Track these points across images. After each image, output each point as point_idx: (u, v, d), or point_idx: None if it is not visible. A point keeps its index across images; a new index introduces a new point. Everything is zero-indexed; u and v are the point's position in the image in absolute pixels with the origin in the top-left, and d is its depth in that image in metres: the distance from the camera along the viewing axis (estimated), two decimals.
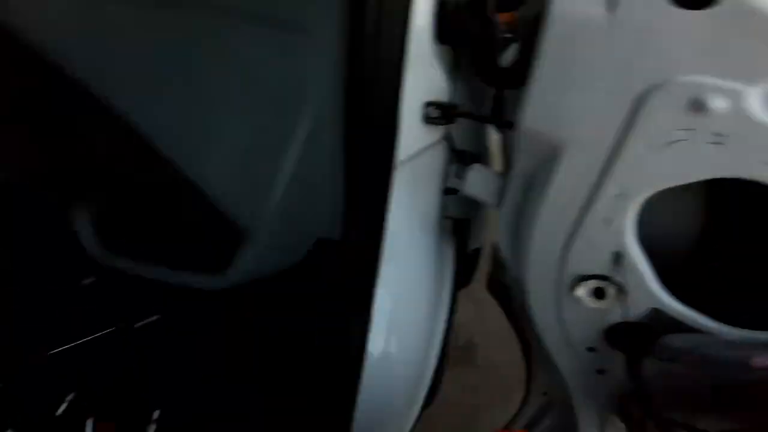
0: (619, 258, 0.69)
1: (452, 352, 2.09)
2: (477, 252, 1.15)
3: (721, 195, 0.69)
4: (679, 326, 0.70)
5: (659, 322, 0.70)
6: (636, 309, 0.72)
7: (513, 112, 0.71)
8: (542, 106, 0.66)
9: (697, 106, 0.55)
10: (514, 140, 0.73)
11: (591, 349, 0.82)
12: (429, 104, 0.80)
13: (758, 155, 0.54)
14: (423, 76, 0.77)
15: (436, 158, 0.90)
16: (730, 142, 0.55)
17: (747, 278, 0.67)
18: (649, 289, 0.69)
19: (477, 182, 0.85)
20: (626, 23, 0.56)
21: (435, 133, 0.85)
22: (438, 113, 0.81)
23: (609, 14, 0.57)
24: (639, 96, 0.58)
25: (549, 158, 0.69)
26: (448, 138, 0.90)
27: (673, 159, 0.59)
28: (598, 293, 0.75)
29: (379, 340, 0.93)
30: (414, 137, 0.80)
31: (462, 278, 1.17)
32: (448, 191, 0.95)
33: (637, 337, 0.75)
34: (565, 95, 0.64)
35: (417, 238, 0.93)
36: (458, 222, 1.05)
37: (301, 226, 0.78)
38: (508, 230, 0.84)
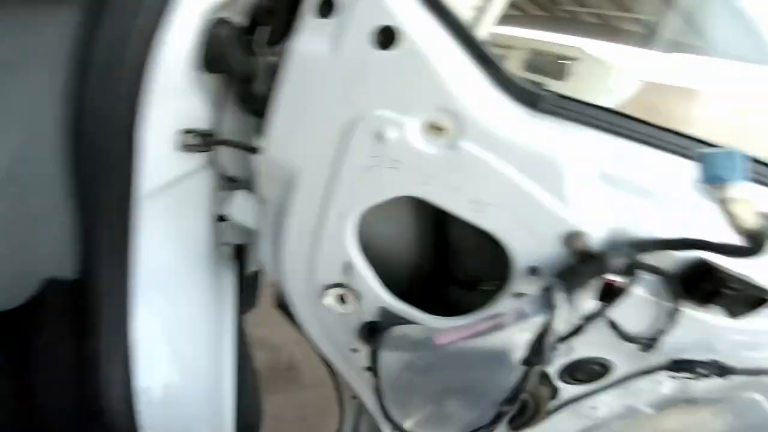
0: (348, 267, 0.76)
1: (275, 374, 2.07)
2: (256, 274, 1.16)
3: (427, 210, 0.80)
4: (404, 321, 0.77)
5: (389, 318, 0.79)
6: (369, 310, 0.79)
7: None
8: (280, 136, 0.70)
9: (380, 136, 0.63)
10: (261, 168, 0.77)
11: (354, 350, 0.87)
12: (187, 132, 0.80)
13: (419, 177, 0.63)
14: (178, 103, 0.76)
15: (202, 186, 0.89)
16: (401, 166, 0.63)
17: (443, 277, 0.79)
18: (374, 291, 0.76)
19: (241, 209, 0.87)
20: (342, 62, 0.63)
21: (194, 160, 0.84)
22: (197, 140, 0.82)
23: (331, 54, 0.63)
24: (346, 127, 0.65)
25: (289, 185, 0.73)
26: (215, 165, 0.90)
27: (369, 182, 0.66)
28: (342, 299, 0.81)
29: (154, 372, 0.88)
30: (167, 165, 0.78)
31: (246, 301, 1.17)
32: (221, 218, 0.95)
33: (376, 334, 0.82)
34: (296, 126, 0.69)
35: (186, 267, 0.91)
36: (237, 247, 1.05)
37: (19, 266, 0.71)
38: (269, 253, 0.87)
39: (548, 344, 0.64)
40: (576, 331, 0.66)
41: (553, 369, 0.76)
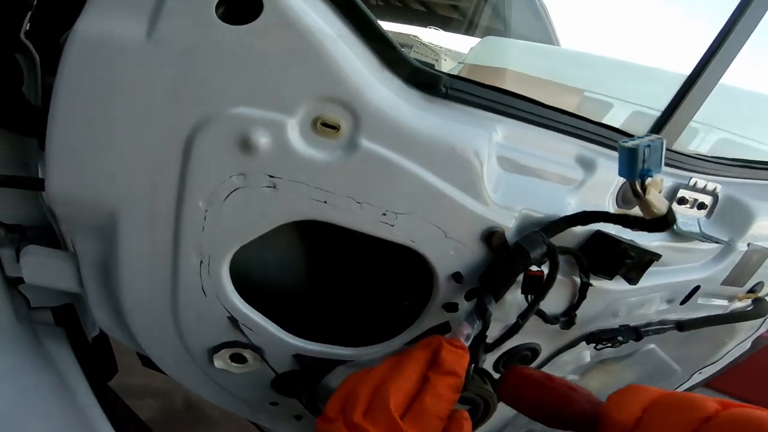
0: (234, 321, 0.58)
1: (175, 418, 1.73)
2: (105, 337, 0.88)
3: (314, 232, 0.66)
4: (325, 362, 0.64)
5: (306, 362, 0.63)
6: (279, 361, 0.63)
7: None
8: (69, 162, 0.46)
9: (244, 143, 0.45)
10: (52, 208, 0.52)
11: (274, 404, 0.72)
12: None
13: (309, 194, 0.48)
14: None
15: None
16: (282, 183, 0.47)
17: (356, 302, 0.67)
18: (278, 340, 0.60)
19: (38, 268, 0.59)
20: (168, 45, 0.42)
21: None
22: None
23: (148, 35, 0.42)
24: (188, 137, 0.45)
25: (105, 231, 0.50)
26: None
27: (236, 212, 0.48)
28: (237, 358, 0.64)
29: None
30: None
31: (103, 367, 0.89)
32: (16, 281, 0.65)
33: (298, 385, 0.68)
34: (97, 146, 0.46)
35: None
36: (60, 309, 0.76)
37: None
38: (108, 318, 0.62)
39: (482, 348, 0.58)
40: (513, 330, 0.61)
41: (488, 364, 0.71)
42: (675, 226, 0.67)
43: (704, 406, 0.32)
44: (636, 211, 0.72)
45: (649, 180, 0.48)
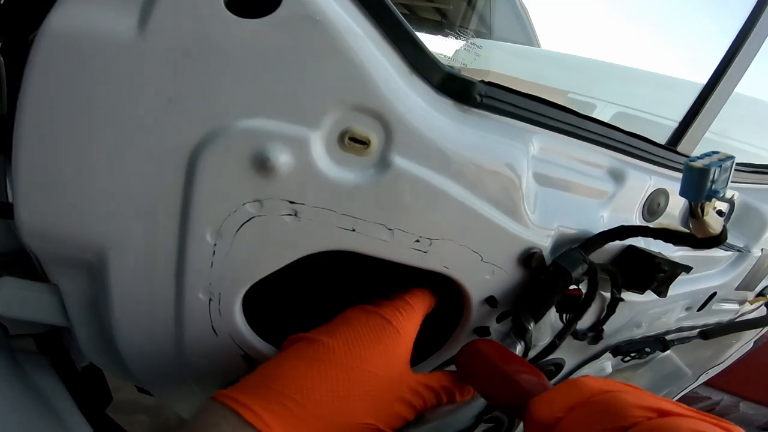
0: (250, 359, 0.50)
1: None
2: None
3: None
4: None
5: None
6: None
7: None
8: (41, 188, 0.37)
9: (261, 163, 0.37)
10: (24, 242, 0.41)
11: None
12: None
13: (338, 221, 0.41)
14: None
15: None
16: (306, 210, 0.40)
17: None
18: None
19: (14, 302, 0.51)
20: (164, 41, 0.34)
21: None
22: None
23: (140, 29, 0.33)
24: (190, 157, 0.37)
25: (93, 268, 0.42)
26: None
27: (251, 245, 0.40)
28: None
29: None
30: None
31: (96, 396, 0.80)
32: None
33: None
34: (76, 167, 0.37)
35: None
36: (43, 337, 0.67)
37: None
38: (100, 353, 0.54)
39: None
40: (549, 349, 0.55)
41: None
42: None
43: (627, 414, 0.29)
44: (665, 223, 0.67)
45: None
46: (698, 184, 0.40)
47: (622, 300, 0.60)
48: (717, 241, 0.46)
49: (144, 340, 0.48)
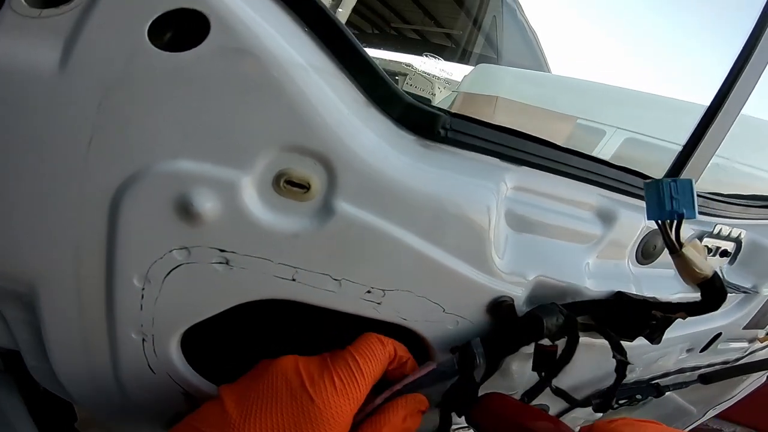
0: (191, 397, 0.45)
1: None
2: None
3: None
4: None
5: None
6: None
7: None
8: None
9: (184, 209, 0.33)
10: None
11: None
12: None
13: (273, 271, 0.36)
14: None
15: None
16: (237, 259, 0.35)
17: None
18: None
19: None
20: (86, 77, 0.30)
21: None
22: None
23: (62, 64, 0.29)
24: (113, 199, 0.33)
25: (27, 299, 0.38)
26: None
27: (181, 292, 0.36)
28: None
29: None
30: None
31: (59, 414, 0.76)
32: None
33: None
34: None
35: None
36: (6, 356, 0.63)
37: None
38: (48, 377, 0.50)
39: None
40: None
41: None
42: None
43: None
44: (661, 272, 0.60)
45: (687, 237, 0.37)
46: (658, 201, 0.35)
47: (628, 364, 0.52)
48: (714, 289, 0.39)
49: (83, 374, 0.43)
